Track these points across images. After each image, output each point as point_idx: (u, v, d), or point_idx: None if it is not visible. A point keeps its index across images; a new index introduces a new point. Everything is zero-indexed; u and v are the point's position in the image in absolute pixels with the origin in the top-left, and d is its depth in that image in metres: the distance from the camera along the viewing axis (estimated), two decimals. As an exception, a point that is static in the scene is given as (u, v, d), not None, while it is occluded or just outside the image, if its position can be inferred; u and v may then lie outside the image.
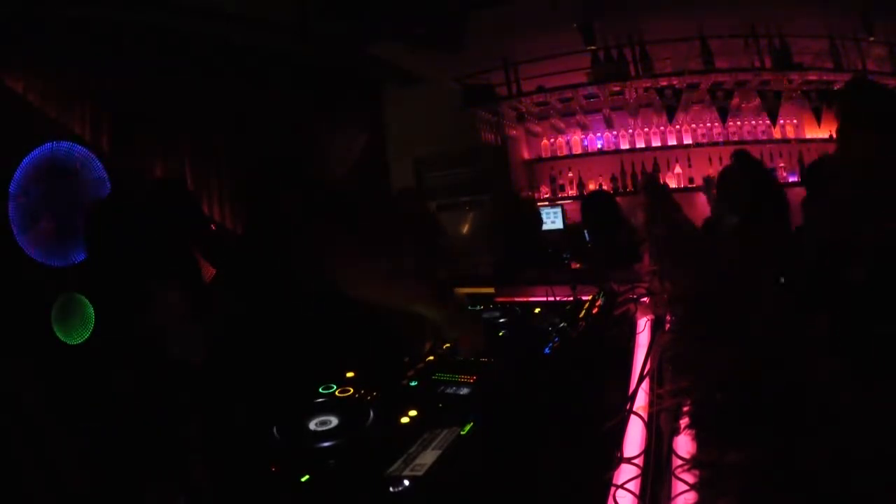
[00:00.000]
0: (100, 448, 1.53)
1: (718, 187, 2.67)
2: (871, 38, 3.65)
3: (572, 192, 4.92)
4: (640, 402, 0.93)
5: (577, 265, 3.32)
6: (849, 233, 1.24)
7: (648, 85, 3.99)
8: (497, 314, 1.70)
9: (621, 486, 0.79)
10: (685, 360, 0.76)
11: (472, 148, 4.56)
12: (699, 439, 0.64)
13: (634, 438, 0.94)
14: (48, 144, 2.52)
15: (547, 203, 4.85)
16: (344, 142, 1.55)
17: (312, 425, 0.98)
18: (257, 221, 1.50)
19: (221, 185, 3.85)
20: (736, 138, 4.45)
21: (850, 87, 1.71)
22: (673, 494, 0.73)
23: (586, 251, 3.33)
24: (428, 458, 0.86)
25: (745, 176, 2.44)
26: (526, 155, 5.14)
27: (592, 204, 3.43)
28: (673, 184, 4.54)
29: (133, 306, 1.82)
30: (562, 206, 4.73)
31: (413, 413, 1.03)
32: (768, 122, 4.24)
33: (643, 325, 1.43)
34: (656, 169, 4.65)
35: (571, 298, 1.86)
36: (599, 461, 0.85)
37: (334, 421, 0.98)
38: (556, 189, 4.98)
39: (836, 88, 3.80)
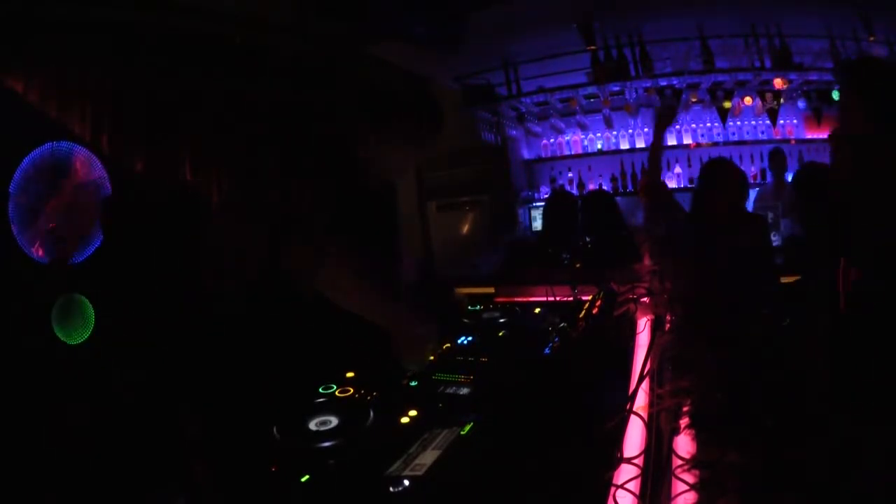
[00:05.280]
0: (100, 448, 1.53)
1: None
2: (871, 38, 3.65)
3: (572, 192, 4.92)
4: (640, 402, 0.93)
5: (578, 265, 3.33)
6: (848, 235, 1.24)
7: (648, 85, 4.00)
8: (497, 314, 1.70)
9: (621, 486, 0.79)
10: (685, 360, 0.76)
11: (472, 148, 4.56)
12: (699, 439, 0.64)
13: (634, 438, 0.94)
14: (48, 144, 2.52)
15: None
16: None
17: (312, 425, 0.98)
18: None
19: (221, 186, 3.84)
20: (736, 138, 4.46)
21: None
22: (673, 494, 0.73)
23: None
24: (428, 458, 0.86)
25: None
26: (526, 155, 5.14)
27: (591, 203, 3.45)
28: (673, 184, 4.54)
29: (135, 306, 1.82)
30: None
31: (413, 413, 1.03)
32: (768, 122, 4.24)
33: (643, 325, 1.43)
34: (656, 169, 4.65)
35: (571, 298, 1.86)
36: (599, 461, 0.85)
37: (334, 421, 0.98)
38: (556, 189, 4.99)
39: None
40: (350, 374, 1.23)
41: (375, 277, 1.34)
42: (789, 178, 3.89)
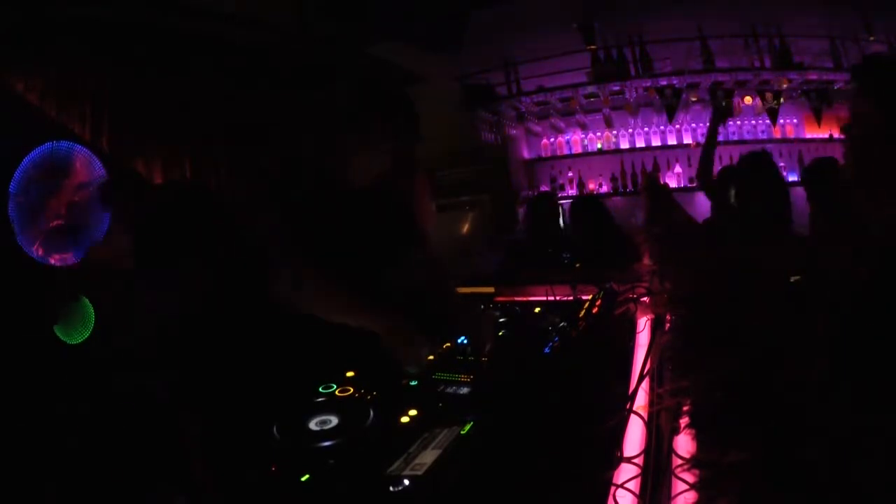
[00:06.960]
0: (99, 447, 1.53)
1: (720, 186, 2.64)
2: (871, 38, 3.66)
3: (572, 191, 4.93)
4: (640, 401, 0.93)
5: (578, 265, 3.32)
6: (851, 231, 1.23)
7: (648, 85, 4.00)
8: (497, 314, 1.70)
9: (621, 486, 0.79)
10: (685, 360, 0.76)
11: (472, 148, 4.56)
12: (699, 439, 0.64)
13: (634, 438, 0.94)
14: (48, 144, 2.52)
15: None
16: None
17: (312, 425, 0.98)
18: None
19: (221, 186, 3.84)
20: (736, 138, 4.46)
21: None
22: (673, 494, 0.73)
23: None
24: (428, 457, 0.86)
25: (756, 177, 2.37)
26: (526, 155, 5.14)
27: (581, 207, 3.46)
28: (673, 184, 4.54)
29: (137, 307, 1.82)
30: (561, 206, 4.74)
31: (413, 413, 1.03)
32: (768, 121, 4.24)
33: (643, 325, 1.43)
34: (656, 169, 4.65)
35: (571, 298, 1.86)
36: (599, 461, 0.85)
37: (334, 421, 0.98)
38: (556, 189, 4.99)
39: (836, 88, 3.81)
40: (350, 374, 1.23)
41: (363, 284, 1.34)
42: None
